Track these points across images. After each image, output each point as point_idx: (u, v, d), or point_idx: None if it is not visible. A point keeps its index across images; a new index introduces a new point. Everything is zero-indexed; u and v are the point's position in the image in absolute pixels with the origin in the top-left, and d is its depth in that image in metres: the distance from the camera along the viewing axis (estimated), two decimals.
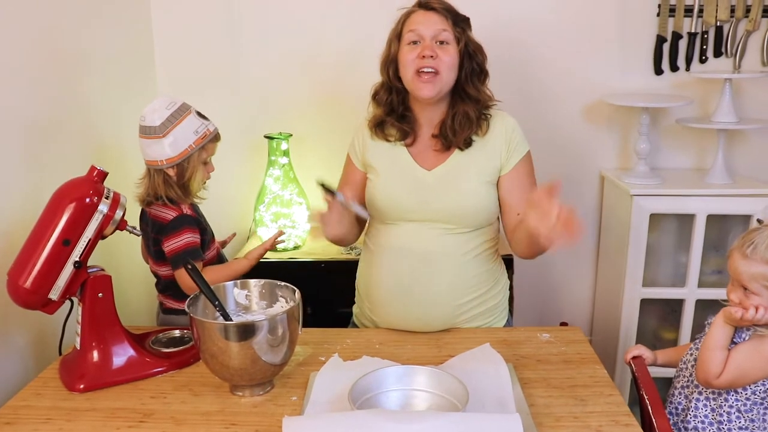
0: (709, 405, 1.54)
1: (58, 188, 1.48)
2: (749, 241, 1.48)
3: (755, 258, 1.45)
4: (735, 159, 2.54)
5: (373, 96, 1.79)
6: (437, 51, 1.65)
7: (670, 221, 2.46)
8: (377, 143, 1.78)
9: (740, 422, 1.51)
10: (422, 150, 1.76)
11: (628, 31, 2.49)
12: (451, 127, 1.71)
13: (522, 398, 1.40)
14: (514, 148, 1.73)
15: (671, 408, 1.62)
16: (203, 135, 1.71)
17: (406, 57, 1.67)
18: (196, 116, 1.72)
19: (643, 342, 2.47)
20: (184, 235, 1.70)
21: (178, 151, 1.69)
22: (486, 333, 1.73)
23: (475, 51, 1.72)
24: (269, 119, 2.50)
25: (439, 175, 1.71)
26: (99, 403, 1.45)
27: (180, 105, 1.70)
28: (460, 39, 1.69)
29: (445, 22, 1.67)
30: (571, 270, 2.72)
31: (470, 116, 1.70)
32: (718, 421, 1.52)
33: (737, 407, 1.51)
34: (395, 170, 1.75)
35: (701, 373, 1.50)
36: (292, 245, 2.40)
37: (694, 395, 1.56)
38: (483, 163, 1.71)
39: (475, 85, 1.72)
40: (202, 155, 1.74)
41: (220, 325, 1.39)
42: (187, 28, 2.50)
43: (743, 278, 1.47)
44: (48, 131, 1.85)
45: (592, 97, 2.53)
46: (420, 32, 1.67)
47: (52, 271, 1.44)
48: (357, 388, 1.33)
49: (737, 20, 2.44)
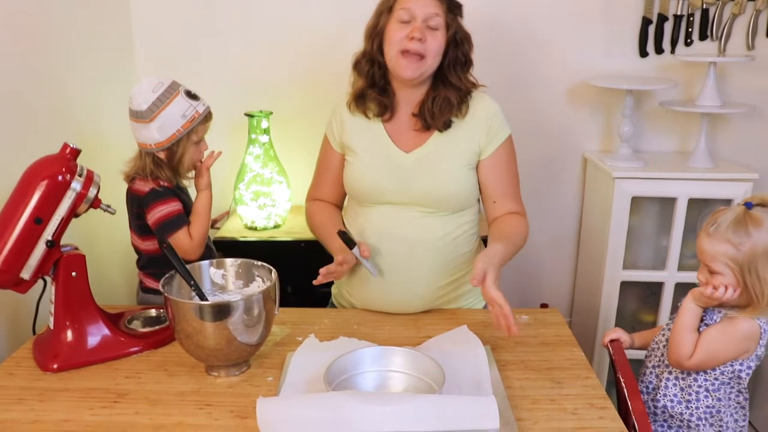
0: (678, 384, 1.56)
1: (30, 166, 1.45)
2: (713, 221, 1.49)
3: (717, 237, 1.46)
4: (718, 143, 2.55)
5: (354, 65, 1.75)
6: (426, 35, 1.62)
7: (651, 204, 2.46)
8: (355, 120, 1.75)
9: (708, 401, 1.53)
10: (401, 129, 1.73)
11: (614, 12, 2.46)
12: (430, 109, 1.68)
13: (499, 380, 1.40)
14: (495, 133, 1.70)
15: (642, 387, 1.63)
16: (191, 118, 1.67)
17: (394, 34, 1.64)
18: (185, 97, 1.67)
19: (623, 324, 2.50)
20: (165, 205, 1.68)
21: (167, 136, 1.66)
22: (465, 314, 1.72)
23: (462, 40, 1.69)
24: (249, 97, 2.47)
25: (417, 157, 1.69)
26: (72, 383, 1.43)
27: (167, 86, 1.65)
28: (451, 26, 1.66)
29: (439, 7, 1.64)
30: (553, 252, 2.72)
31: (451, 101, 1.68)
32: (686, 400, 1.55)
33: (705, 387, 1.53)
34: (373, 152, 1.72)
35: (673, 355, 1.53)
36: (272, 224, 2.38)
37: (665, 374, 1.58)
38: (462, 147, 1.69)
39: (457, 73, 1.70)
40: (192, 137, 1.70)
41: (194, 305, 1.38)
42: (166, 6, 2.45)
43: (706, 257, 1.49)
44: (22, 111, 1.81)
45: (576, 79, 2.52)
46: (413, 12, 1.62)
47: (24, 250, 1.42)
48: (333, 369, 1.33)
49: (723, 3, 2.42)
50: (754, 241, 1.43)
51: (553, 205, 2.66)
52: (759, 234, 1.43)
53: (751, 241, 1.43)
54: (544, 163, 2.61)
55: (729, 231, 1.45)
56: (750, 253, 1.43)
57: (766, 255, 1.43)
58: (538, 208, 2.61)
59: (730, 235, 1.45)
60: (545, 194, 2.62)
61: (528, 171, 1.89)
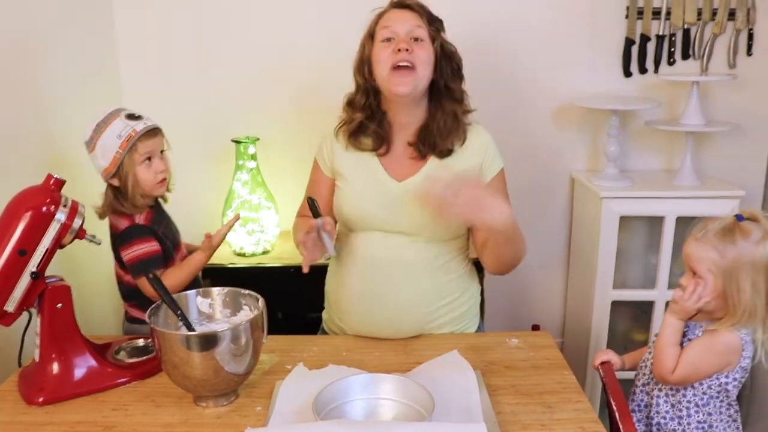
0: (669, 401, 1.57)
1: (14, 197, 1.44)
2: (703, 227, 1.53)
3: (704, 242, 1.50)
4: (703, 161, 2.56)
5: (349, 103, 1.75)
6: (412, 46, 1.61)
7: (640, 223, 2.47)
8: (348, 153, 1.75)
9: (699, 416, 1.54)
10: (395, 159, 1.72)
11: (597, 33, 2.49)
12: (437, 129, 1.66)
13: (489, 406, 1.39)
14: (489, 165, 1.70)
15: (634, 405, 1.64)
16: (127, 137, 1.64)
17: (381, 54, 1.63)
18: (124, 119, 1.65)
19: (615, 344, 2.49)
20: (138, 245, 1.67)
21: (108, 160, 1.65)
22: (455, 339, 1.71)
23: (452, 53, 1.69)
24: (236, 123, 2.47)
25: (409, 187, 1.68)
26: (58, 416, 1.41)
27: (109, 113, 1.65)
28: (435, 38, 1.66)
29: (420, 20, 1.64)
30: (543, 272, 2.72)
31: (458, 116, 1.67)
32: (678, 416, 1.56)
33: (695, 402, 1.54)
34: (365, 180, 1.71)
35: (657, 370, 1.55)
36: (261, 250, 2.37)
37: (655, 392, 1.60)
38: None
39: (456, 83, 1.70)
40: (134, 157, 1.66)
41: (180, 335, 1.36)
42: (152, 33, 2.46)
43: (692, 260, 1.52)
44: (6, 141, 1.80)
45: (561, 101, 2.53)
46: (394, 29, 1.63)
47: (8, 283, 1.40)
48: (321, 397, 1.31)
49: (704, 23, 2.46)
50: (739, 251, 1.46)
51: (542, 225, 2.66)
52: (745, 245, 1.46)
53: (737, 250, 1.46)
54: (533, 184, 2.61)
55: (716, 238, 1.49)
56: (733, 261, 1.46)
57: (748, 266, 1.46)
58: (527, 229, 2.57)
59: (717, 242, 1.48)
60: (534, 215, 2.62)
61: (516, 192, 1.89)
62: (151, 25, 2.46)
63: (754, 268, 1.46)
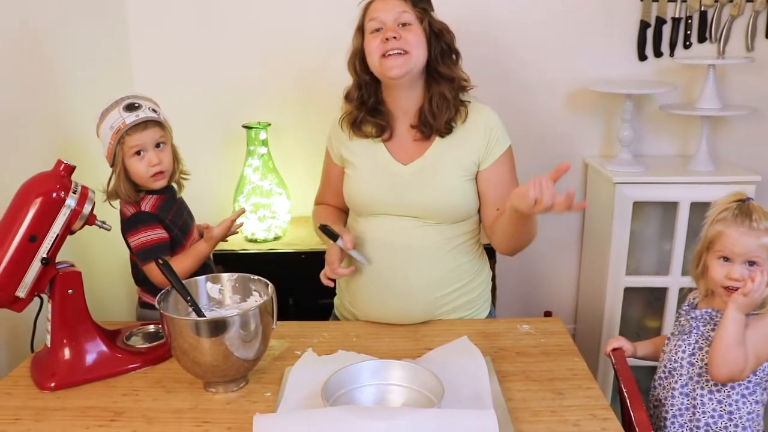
0: (715, 398, 1.50)
1: (24, 183, 1.44)
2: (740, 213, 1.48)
3: (759, 230, 1.45)
4: (719, 146, 2.53)
5: (345, 96, 1.77)
6: (400, 32, 1.62)
7: (653, 209, 2.44)
8: (354, 141, 1.76)
9: (747, 407, 1.49)
10: (400, 143, 1.73)
11: (612, 16, 2.45)
12: (429, 111, 1.68)
13: (499, 392, 1.39)
14: (494, 143, 1.70)
15: (674, 410, 1.54)
16: (116, 130, 1.61)
17: (371, 44, 1.65)
18: (120, 110, 1.61)
19: (627, 331, 2.48)
20: (144, 232, 1.66)
21: (106, 149, 1.65)
22: (465, 325, 1.71)
23: (441, 31, 1.69)
24: (247, 109, 2.45)
25: (415, 169, 1.69)
26: (69, 401, 1.42)
27: (114, 101, 1.64)
28: (423, 19, 1.66)
29: (405, 5, 1.65)
30: (555, 259, 2.70)
31: (446, 96, 1.67)
32: (728, 412, 1.49)
33: (741, 393, 1.49)
34: (372, 165, 1.72)
35: (725, 372, 1.45)
36: (272, 236, 2.37)
37: (697, 391, 1.52)
38: (461, 157, 1.68)
39: (447, 65, 1.69)
40: (125, 150, 1.62)
41: (190, 321, 1.37)
42: (163, 18, 2.45)
43: (752, 250, 1.46)
44: (16, 126, 1.80)
45: (575, 85, 2.50)
46: (381, 18, 1.64)
47: (19, 269, 1.41)
48: (331, 383, 1.32)
49: (721, 5, 2.41)
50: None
51: None
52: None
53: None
54: (545, 169, 2.54)
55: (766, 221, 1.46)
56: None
57: None
58: (540, 216, 2.59)
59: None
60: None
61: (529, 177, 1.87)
62: (162, 11, 2.45)
63: None
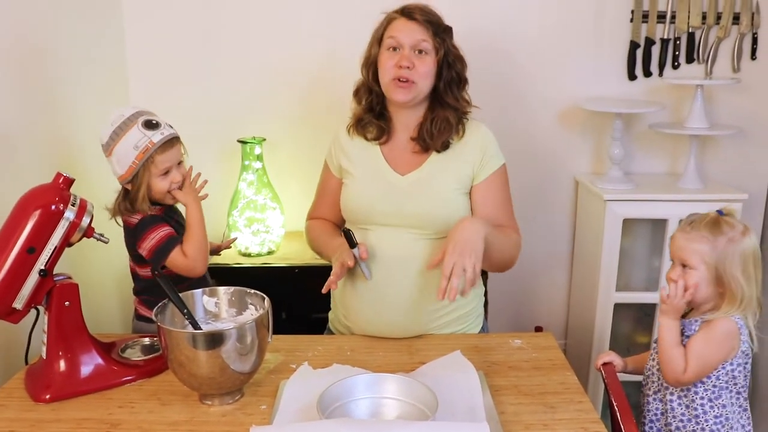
0: (683, 402, 1.58)
1: (23, 195, 1.45)
2: (690, 220, 1.60)
3: (695, 234, 1.56)
4: (707, 164, 2.57)
5: (355, 93, 1.82)
6: (414, 61, 1.68)
7: (643, 226, 2.48)
8: (354, 144, 1.80)
9: (714, 411, 1.55)
10: (398, 153, 1.77)
11: (603, 36, 2.50)
12: (429, 131, 1.73)
13: (492, 406, 1.40)
14: (489, 160, 1.75)
15: (650, 416, 1.65)
16: (144, 149, 1.61)
17: (385, 63, 1.71)
18: (140, 128, 1.61)
19: (617, 346, 2.50)
20: (154, 232, 1.67)
21: (125, 169, 1.63)
22: (458, 339, 1.73)
23: (454, 60, 1.74)
24: (242, 123, 2.48)
25: (412, 180, 1.73)
26: (65, 413, 1.42)
27: (127, 117, 1.62)
28: (440, 49, 1.71)
29: (426, 33, 1.69)
30: (546, 275, 2.73)
31: (450, 121, 1.73)
32: (694, 416, 1.56)
33: (708, 397, 1.55)
34: (369, 174, 1.76)
35: (668, 374, 1.56)
36: (266, 250, 2.39)
37: (667, 397, 1.60)
38: (457, 171, 1.73)
39: (453, 93, 1.75)
40: (151, 169, 1.64)
41: (187, 333, 1.38)
42: (160, 32, 2.47)
43: (684, 252, 1.56)
44: (13, 138, 1.81)
45: (566, 103, 2.54)
46: (400, 40, 1.69)
47: (17, 280, 1.42)
48: (326, 396, 1.33)
49: (709, 27, 2.46)
50: (728, 240, 1.54)
51: (546, 227, 2.67)
52: (732, 235, 1.54)
53: (726, 239, 1.54)
54: (537, 186, 2.62)
55: (706, 229, 1.55)
56: (723, 250, 1.53)
57: (737, 255, 1.53)
58: (531, 231, 2.61)
59: (707, 233, 1.55)
60: (538, 217, 2.63)
61: (520, 194, 1.90)
62: (159, 26, 2.47)
63: (743, 257, 1.53)
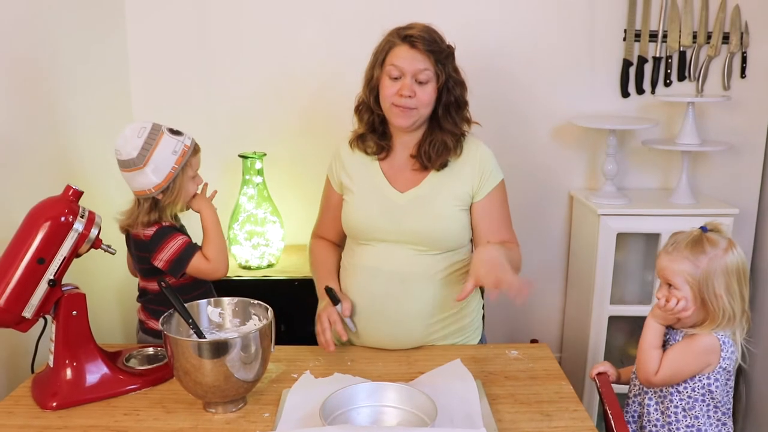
0: (659, 408, 1.63)
1: (34, 207, 1.49)
2: (672, 241, 1.62)
3: (676, 255, 1.58)
4: (699, 180, 2.62)
5: (357, 108, 1.83)
6: (416, 90, 1.68)
7: (636, 240, 2.52)
8: (354, 159, 1.82)
9: (686, 420, 1.59)
10: (398, 170, 1.79)
11: (596, 55, 2.56)
12: (427, 152, 1.75)
13: (489, 414, 1.44)
14: (488, 177, 1.77)
15: (628, 417, 1.70)
16: (182, 153, 1.68)
17: (387, 90, 1.71)
18: (170, 135, 1.69)
19: (611, 358, 2.53)
20: (172, 241, 1.70)
21: (163, 176, 1.67)
22: (456, 350, 1.76)
23: (454, 85, 1.75)
24: (243, 138, 2.53)
25: (411, 198, 1.75)
26: (71, 420, 1.45)
27: (150, 128, 1.67)
28: (441, 75, 1.71)
29: (427, 61, 1.69)
30: (542, 288, 2.76)
31: (447, 145, 1.75)
32: (667, 422, 1.61)
33: (682, 406, 1.59)
34: (369, 191, 1.79)
35: (641, 373, 1.61)
36: (266, 263, 2.42)
37: (645, 401, 1.65)
38: (456, 189, 1.75)
39: (451, 117, 1.76)
40: (188, 172, 1.72)
41: (193, 342, 1.41)
42: (161, 48, 2.52)
43: (667, 273, 1.58)
44: (20, 151, 1.85)
45: (561, 120, 2.59)
46: (401, 68, 1.69)
47: (27, 290, 1.45)
48: (328, 404, 1.36)
49: (699, 46, 2.52)
50: (710, 259, 1.55)
51: (541, 242, 2.71)
52: (714, 253, 1.56)
53: (708, 258, 1.55)
54: (532, 202, 2.67)
55: (687, 249, 1.57)
56: (706, 269, 1.55)
57: (720, 273, 1.55)
58: (527, 246, 2.63)
59: (688, 253, 1.56)
60: (533, 232, 2.67)
61: (517, 209, 1.94)
62: (162, 41, 2.52)
63: (727, 273, 1.55)
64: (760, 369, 2.56)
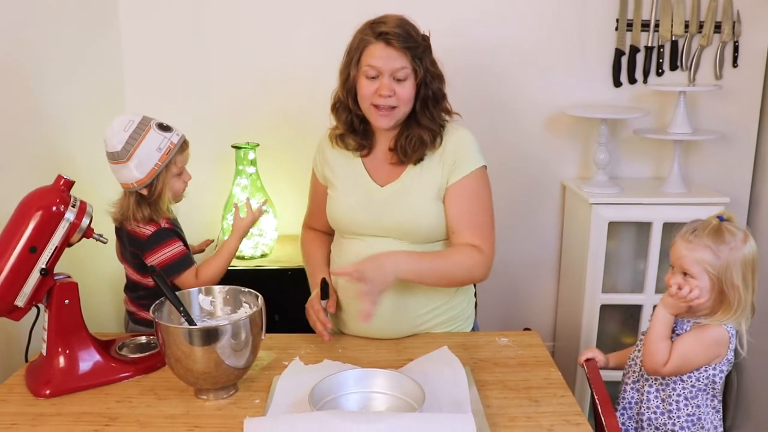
0: (660, 396, 1.63)
1: (25, 197, 1.51)
2: (691, 228, 1.60)
3: (697, 243, 1.56)
4: (690, 168, 2.63)
5: (333, 107, 1.80)
6: (394, 88, 1.65)
7: (628, 229, 2.53)
8: (336, 153, 1.82)
9: (688, 409, 1.60)
10: (378, 164, 1.79)
11: (589, 45, 2.56)
12: (403, 147, 1.72)
13: (478, 399, 1.45)
14: (461, 162, 1.72)
15: (624, 403, 1.70)
16: (167, 150, 1.68)
17: (365, 90, 1.68)
18: (157, 131, 1.68)
19: (604, 347, 2.53)
20: (169, 247, 1.72)
21: (146, 172, 1.67)
22: (446, 338, 1.77)
23: (432, 79, 1.71)
24: (237, 129, 2.53)
25: (391, 191, 1.74)
26: (65, 408, 1.47)
27: (138, 122, 1.66)
28: (419, 71, 1.67)
29: (404, 59, 1.65)
30: (534, 277, 2.78)
31: (424, 140, 1.72)
32: (668, 410, 1.61)
33: (684, 395, 1.60)
34: (351, 186, 1.79)
35: (648, 363, 1.60)
36: (259, 253, 2.44)
37: (645, 388, 1.65)
38: (432, 179, 1.73)
39: (429, 112, 1.72)
40: (172, 169, 1.72)
41: (184, 329, 1.43)
42: (155, 39, 2.53)
43: (685, 261, 1.57)
44: (11, 141, 1.86)
45: (553, 109, 2.60)
46: (378, 68, 1.65)
47: (19, 279, 1.47)
48: (317, 390, 1.38)
49: (691, 36, 2.53)
50: (730, 249, 1.55)
51: (534, 231, 2.72)
52: (734, 243, 1.55)
53: (728, 248, 1.54)
54: (525, 191, 2.68)
55: (709, 238, 1.55)
56: (726, 260, 1.54)
57: (739, 263, 1.55)
58: (520, 235, 2.68)
59: (710, 242, 1.55)
60: (526, 221, 2.69)
61: (509, 199, 1.96)
62: (155, 33, 2.53)
63: (744, 264, 1.55)
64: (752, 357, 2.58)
